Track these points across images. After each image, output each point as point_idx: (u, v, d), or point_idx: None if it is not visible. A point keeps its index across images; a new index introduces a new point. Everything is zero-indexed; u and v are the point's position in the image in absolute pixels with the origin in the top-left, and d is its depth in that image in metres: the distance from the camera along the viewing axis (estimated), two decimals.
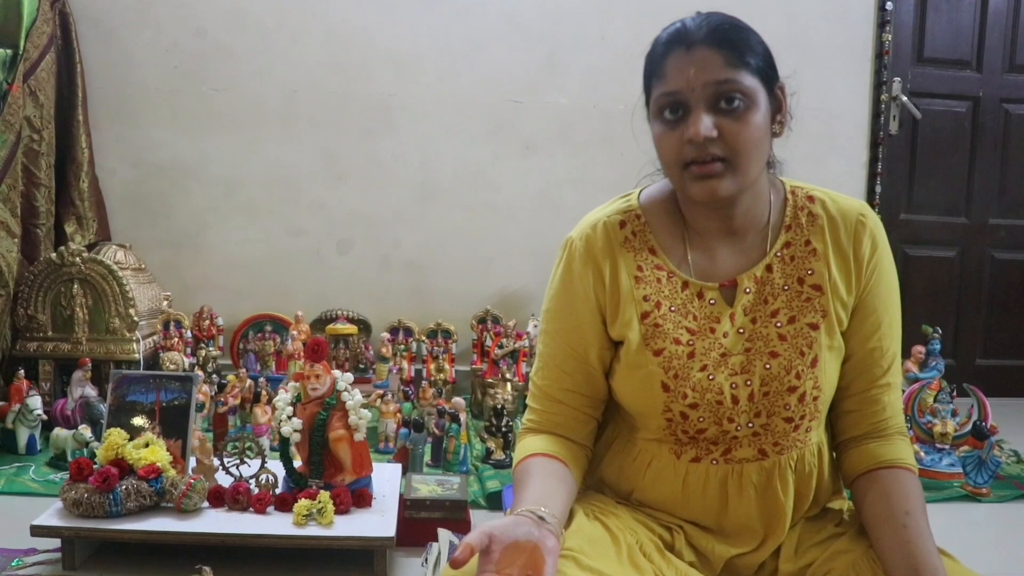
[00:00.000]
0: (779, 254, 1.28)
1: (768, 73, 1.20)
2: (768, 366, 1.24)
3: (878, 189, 3.88)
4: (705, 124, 1.14)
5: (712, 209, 1.26)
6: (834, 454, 1.37)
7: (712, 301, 1.27)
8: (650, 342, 1.26)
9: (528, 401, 1.39)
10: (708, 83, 1.15)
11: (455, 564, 0.99)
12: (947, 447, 2.70)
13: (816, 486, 1.32)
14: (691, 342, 1.25)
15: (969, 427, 2.69)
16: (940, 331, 3.24)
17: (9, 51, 2.92)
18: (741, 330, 1.26)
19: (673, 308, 1.27)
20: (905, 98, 3.85)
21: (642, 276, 1.29)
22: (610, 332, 1.31)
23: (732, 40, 1.17)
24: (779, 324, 1.25)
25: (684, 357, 1.25)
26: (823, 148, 3.65)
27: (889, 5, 3.77)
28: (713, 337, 1.26)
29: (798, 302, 1.26)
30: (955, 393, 2.84)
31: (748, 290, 1.27)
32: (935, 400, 2.81)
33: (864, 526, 1.25)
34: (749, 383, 1.24)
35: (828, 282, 1.26)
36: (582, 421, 1.34)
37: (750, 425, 1.25)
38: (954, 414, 2.77)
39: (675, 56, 1.18)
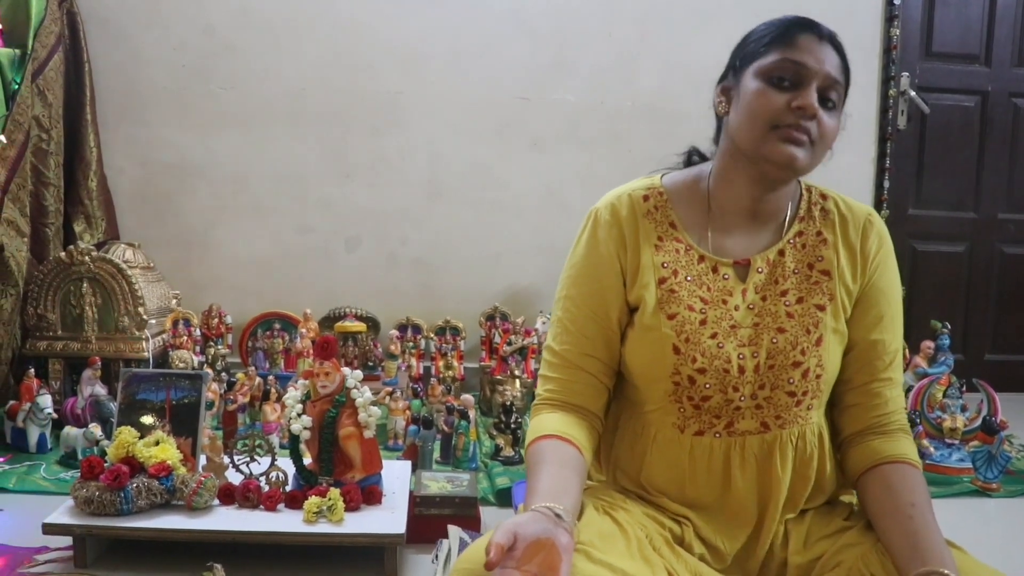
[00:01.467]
0: (792, 241, 1.36)
1: (846, 96, 1.32)
2: (775, 340, 1.30)
3: (886, 184, 3.87)
4: (817, 101, 1.24)
5: (757, 185, 1.31)
6: (838, 454, 1.38)
7: (726, 276, 1.34)
8: (665, 306, 1.32)
9: (544, 372, 1.41)
10: (828, 76, 1.25)
11: (490, 567, 1.00)
12: (956, 442, 2.70)
13: (817, 470, 1.34)
14: (703, 310, 1.31)
15: (979, 422, 2.69)
16: (949, 326, 3.23)
17: (17, 51, 2.92)
18: (751, 306, 1.32)
19: (689, 278, 1.33)
20: (913, 93, 3.84)
21: (661, 245, 1.36)
22: (628, 296, 1.36)
23: (845, 57, 1.30)
24: (788, 303, 1.32)
25: (696, 323, 1.30)
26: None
27: (897, 0, 3.76)
28: (725, 308, 1.32)
29: (807, 285, 1.33)
30: (964, 388, 2.84)
31: (760, 269, 1.34)
32: (944, 395, 2.81)
33: (870, 520, 1.26)
34: (756, 355, 1.30)
35: (836, 268, 1.34)
36: (598, 390, 1.38)
37: (754, 396, 1.29)
38: (963, 409, 2.77)
39: (808, 37, 1.26)
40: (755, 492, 1.31)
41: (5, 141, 2.77)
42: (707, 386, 1.29)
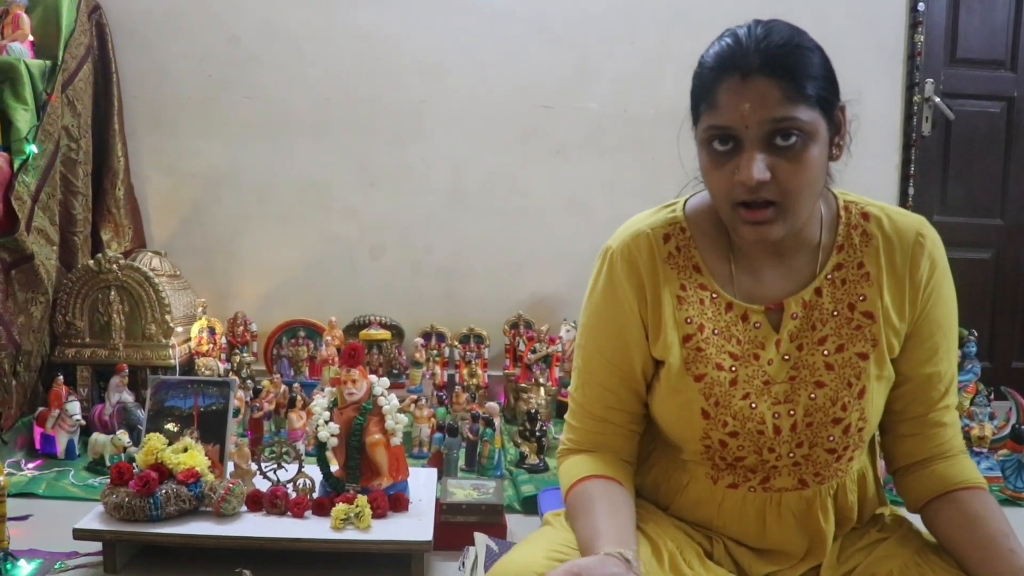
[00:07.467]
0: (829, 277, 1.22)
1: (829, 99, 1.13)
2: (813, 396, 1.19)
3: (911, 191, 3.84)
4: (759, 167, 1.07)
5: None
6: (891, 481, 1.32)
7: (757, 324, 1.22)
8: (691, 367, 1.21)
9: (568, 418, 1.35)
10: (764, 121, 1.07)
11: None
12: (985, 451, 2.67)
13: (859, 509, 1.29)
14: (734, 368, 1.20)
15: (1007, 430, 2.67)
16: (976, 334, 3.21)
17: (48, 62, 2.96)
18: (786, 357, 1.21)
19: (716, 331, 1.22)
20: (938, 99, 3.81)
21: (685, 296, 1.24)
22: (652, 350, 1.26)
23: (791, 68, 1.07)
24: (827, 352, 1.20)
25: (726, 384, 1.20)
26: (855, 151, 3.52)
27: (921, 6, 3.74)
28: (757, 364, 1.21)
29: (848, 329, 1.20)
30: (992, 396, 2.82)
31: (795, 315, 1.21)
32: (972, 403, 2.79)
33: (949, 549, 1.18)
34: (792, 413, 1.19)
35: (880, 309, 1.20)
36: (626, 437, 1.31)
37: (791, 455, 1.21)
38: (991, 417, 2.75)
39: (729, 84, 1.09)
40: (798, 540, 1.24)
41: (36, 151, 2.81)
42: (740, 448, 1.20)
